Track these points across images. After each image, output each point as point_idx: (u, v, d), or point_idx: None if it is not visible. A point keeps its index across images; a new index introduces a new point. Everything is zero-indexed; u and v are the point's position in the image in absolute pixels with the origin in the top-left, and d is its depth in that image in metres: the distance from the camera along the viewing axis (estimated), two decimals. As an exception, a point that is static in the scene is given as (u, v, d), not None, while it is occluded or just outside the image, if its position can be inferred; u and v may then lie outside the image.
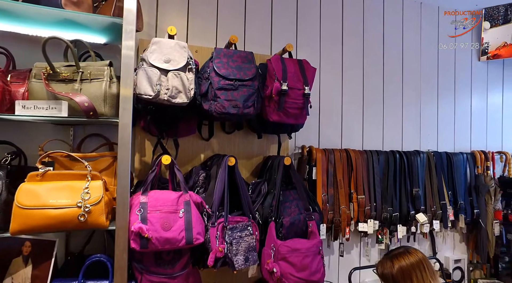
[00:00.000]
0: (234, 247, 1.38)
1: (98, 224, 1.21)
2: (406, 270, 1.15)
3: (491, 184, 2.29)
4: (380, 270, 1.21)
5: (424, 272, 1.15)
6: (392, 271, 1.16)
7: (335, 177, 1.93)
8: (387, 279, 1.19)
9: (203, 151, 1.78)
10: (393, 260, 1.18)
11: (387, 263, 1.19)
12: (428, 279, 1.14)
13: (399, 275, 1.15)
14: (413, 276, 1.14)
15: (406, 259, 1.17)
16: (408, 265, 1.15)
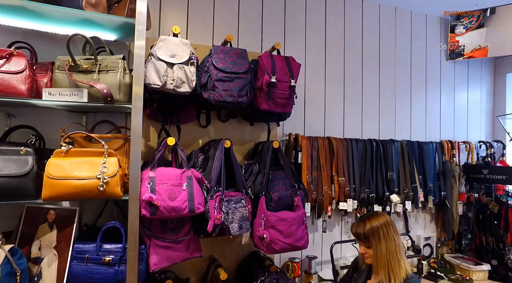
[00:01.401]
0: (230, 216, 1.61)
1: (114, 193, 1.42)
2: (375, 227, 1.39)
3: (456, 169, 2.58)
4: (354, 230, 1.44)
5: (389, 228, 1.39)
6: (364, 230, 1.40)
7: (318, 161, 2.18)
8: (359, 236, 1.42)
9: (201, 137, 2.00)
10: (365, 221, 1.42)
11: (360, 224, 1.42)
12: (391, 234, 1.39)
13: (369, 232, 1.39)
14: (380, 231, 1.38)
15: (375, 220, 1.41)
16: (377, 224, 1.39)
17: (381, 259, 1.36)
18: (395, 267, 1.36)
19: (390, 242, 1.38)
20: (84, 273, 1.42)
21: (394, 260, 1.36)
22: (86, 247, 1.46)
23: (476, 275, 2.38)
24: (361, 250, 1.44)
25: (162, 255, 1.55)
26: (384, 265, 1.36)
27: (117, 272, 1.46)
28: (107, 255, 1.47)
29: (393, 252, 1.37)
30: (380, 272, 1.37)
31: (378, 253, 1.37)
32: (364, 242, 1.42)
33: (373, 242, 1.38)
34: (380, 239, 1.38)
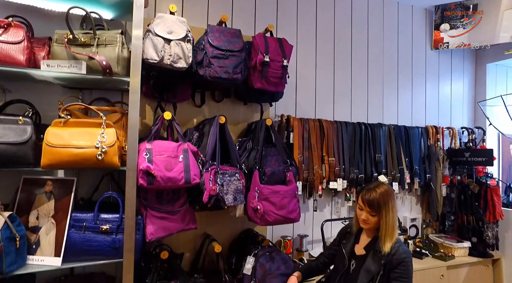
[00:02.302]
0: (224, 187, 1.66)
1: (112, 163, 1.46)
2: (386, 194, 1.46)
3: (440, 153, 2.70)
4: (367, 197, 1.47)
5: (393, 199, 1.48)
6: (377, 196, 1.45)
7: (309, 141, 2.26)
8: (373, 203, 1.45)
9: (196, 116, 2.05)
10: (375, 189, 1.47)
11: (372, 192, 1.47)
12: (395, 206, 1.48)
13: (381, 202, 1.44)
14: (389, 202, 1.45)
15: (382, 187, 1.48)
16: (386, 193, 1.46)
17: (389, 228, 1.43)
18: (394, 234, 1.45)
19: (395, 212, 1.47)
20: (82, 241, 1.45)
21: (396, 227, 1.46)
22: (84, 216, 1.49)
23: (458, 252, 2.50)
24: (363, 216, 1.48)
25: (159, 225, 1.59)
26: (390, 233, 1.43)
27: (114, 241, 1.49)
28: (105, 224, 1.50)
29: (396, 220, 1.47)
30: (386, 240, 1.43)
31: (388, 222, 1.43)
32: (373, 210, 1.45)
33: (384, 211, 1.44)
34: (389, 208, 1.45)
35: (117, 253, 1.50)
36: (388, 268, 1.41)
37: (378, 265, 1.42)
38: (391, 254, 1.42)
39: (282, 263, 1.81)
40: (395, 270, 1.40)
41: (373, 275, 1.42)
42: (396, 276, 1.40)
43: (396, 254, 1.41)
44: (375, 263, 1.44)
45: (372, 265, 1.44)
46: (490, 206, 2.47)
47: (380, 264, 1.42)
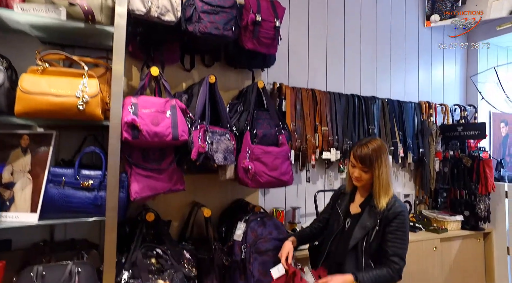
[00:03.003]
0: (214, 146, 1.58)
1: (95, 115, 1.37)
2: (378, 149, 1.40)
3: (433, 128, 2.68)
4: (359, 153, 1.41)
5: (386, 153, 1.42)
6: (369, 152, 1.39)
7: (302, 110, 2.20)
8: (364, 159, 1.39)
9: (185, 80, 1.97)
10: (368, 144, 1.41)
11: (363, 147, 1.41)
12: (388, 160, 1.42)
13: (373, 156, 1.38)
14: (382, 156, 1.39)
15: (375, 142, 1.42)
16: (378, 147, 1.40)
17: (382, 182, 1.38)
18: (390, 190, 1.40)
19: (388, 167, 1.41)
20: (61, 196, 1.36)
21: (390, 183, 1.41)
22: (63, 171, 1.39)
23: (451, 226, 2.48)
24: (356, 173, 1.43)
25: (144, 184, 1.50)
26: (385, 188, 1.38)
27: (96, 197, 1.40)
28: (86, 180, 1.41)
29: (389, 175, 1.42)
30: (381, 196, 1.38)
31: (381, 177, 1.38)
32: (365, 166, 1.40)
33: (377, 166, 1.38)
34: (382, 162, 1.39)
35: (99, 210, 1.41)
36: (384, 223, 1.36)
37: (374, 220, 1.37)
38: (387, 209, 1.37)
39: (274, 229, 1.74)
40: (391, 223, 1.35)
41: (368, 230, 1.37)
42: (392, 229, 1.34)
43: (392, 208, 1.37)
44: (370, 218, 1.39)
45: (368, 221, 1.39)
46: (482, 178, 2.46)
47: (376, 218, 1.37)
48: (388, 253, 1.33)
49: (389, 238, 1.34)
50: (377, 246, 1.37)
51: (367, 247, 1.37)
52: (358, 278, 1.28)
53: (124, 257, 1.51)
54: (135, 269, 1.46)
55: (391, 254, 1.32)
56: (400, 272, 1.33)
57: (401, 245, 1.34)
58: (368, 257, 1.36)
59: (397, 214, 1.35)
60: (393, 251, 1.33)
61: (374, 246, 1.36)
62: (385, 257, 1.34)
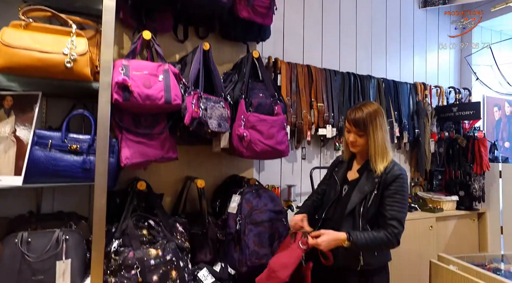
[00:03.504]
0: (208, 111, 1.53)
1: (84, 74, 1.31)
2: (373, 114, 1.35)
3: (428, 109, 2.67)
4: (353, 116, 1.37)
5: (383, 118, 1.37)
6: (363, 115, 1.34)
7: (297, 86, 2.16)
8: (358, 122, 1.35)
9: (178, 52, 1.91)
10: (362, 108, 1.37)
11: (357, 111, 1.37)
12: (385, 124, 1.38)
13: (368, 119, 1.34)
14: (377, 119, 1.35)
15: (371, 106, 1.37)
16: (373, 111, 1.35)
17: (378, 146, 1.34)
18: (387, 153, 1.36)
19: (385, 130, 1.37)
20: (47, 159, 1.30)
21: (387, 147, 1.36)
22: (50, 133, 1.33)
23: (446, 206, 2.48)
24: (351, 138, 1.39)
25: (135, 150, 1.45)
26: (381, 152, 1.34)
27: (85, 161, 1.34)
28: (74, 143, 1.35)
29: (387, 139, 1.37)
30: (377, 159, 1.34)
31: (376, 141, 1.34)
32: (359, 129, 1.36)
33: (371, 129, 1.34)
34: (377, 126, 1.35)
35: (88, 175, 1.35)
36: (382, 187, 1.31)
37: (372, 184, 1.33)
38: (385, 172, 1.32)
39: (269, 201, 1.70)
40: (389, 187, 1.30)
41: (366, 194, 1.33)
42: (390, 193, 1.30)
43: (390, 172, 1.32)
44: (368, 182, 1.35)
45: (366, 185, 1.35)
46: (477, 158, 2.46)
47: (374, 183, 1.33)
48: (387, 217, 1.28)
49: (388, 202, 1.30)
50: (375, 210, 1.32)
51: (365, 212, 1.32)
52: (351, 236, 1.24)
53: (114, 227, 1.45)
54: (126, 238, 1.40)
55: (389, 218, 1.27)
56: (399, 236, 1.27)
57: (400, 209, 1.29)
58: (365, 222, 1.32)
59: (396, 177, 1.31)
60: (392, 214, 1.28)
61: (372, 210, 1.32)
62: (383, 221, 1.29)
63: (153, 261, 1.36)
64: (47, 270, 1.29)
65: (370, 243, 1.24)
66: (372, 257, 1.31)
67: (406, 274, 2.19)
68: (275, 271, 1.30)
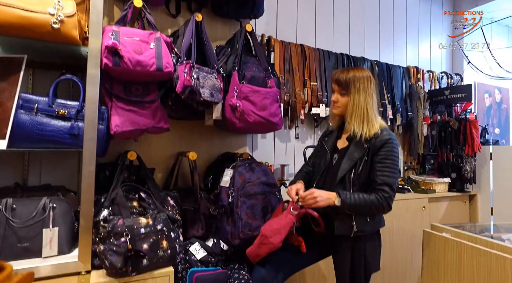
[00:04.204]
0: (200, 81, 1.50)
1: (71, 37, 1.27)
2: (358, 77, 1.33)
3: (421, 92, 2.68)
4: (336, 76, 1.36)
5: (370, 83, 1.34)
6: (347, 76, 1.33)
7: (291, 64, 2.15)
8: (340, 81, 1.34)
9: (170, 26, 1.88)
10: (349, 70, 1.36)
11: (343, 71, 1.36)
12: (371, 89, 1.33)
13: (351, 80, 1.32)
14: (361, 82, 1.32)
15: (359, 71, 1.35)
16: (360, 75, 1.33)
17: (358, 107, 1.32)
18: (372, 119, 1.33)
19: (369, 95, 1.34)
20: (33, 123, 1.26)
21: (371, 112, 1.33)
22: (36, 98, 1.29)
23: (438, 187, 2.49)
24: (334, 97, 1.38)
25: (126, 118, 1.41)
26: (360, 114, 1.32)
27: (73, 126, 1.31)
28: (62, 108, 1.31)
29: (370, 105, 1.34)
30: (353, 120, 1.33)
31: (356, 101, 1.32)
32: (342, 88, 1.35)
33: (352, 90, 1.32)
34: (360, 88, 1.32)
35: (76, 141, 1.31)
36: (372, 152, 1.30)
37: (361, 150, 1.31)
38: (374, 137, 1.30)
39: (263, 174, 1.68)
40: (379, 152, 1.28)
41: (355, 161, 1.31)
42: (380, 158, 1.28)
43: (379, 137, 1.30)
44: (357, 149, 1.32)
45: (355, 152, 1.33)
46: (469, 139, 2.48)
47: (363, 148, 1.31)
48: (377, 182, 1.26)
49: (378, 167, 1.28)
50: (365, 177, 1.31)
51: (355, 179, 1.30)
52: (341, 196, 1.23)
53: (103, 197, 1.41)
54: (115, 207, 1.37)
55: (380, 183, 1.26)
56: (389, 200, 1.25)
57: (390, 174, 1.27)
58: (356, 189, 1.30)
59: (385, 142, 1.28)
60: (382, 180, 1.26)
61: (362, 177, 1.30)
62: (373, 187, 1.28)
63: (143, 230, 1.33)
64: (33, 238, 1.26)
65: (359, 204, 1.23)
66: (365, 224, 1.30)
67: (399, 250, 2.21)
68: (267, 237, 1.28)
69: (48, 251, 1.28)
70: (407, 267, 2.25)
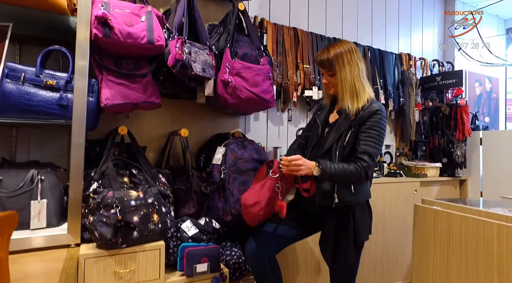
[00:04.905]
0: (192, 55, 1.49)
1: (58, 4, 1.27)
2: (339, 53, 1.33)
3: (413, 78, 2.71)
4: (319, 58, 1.37)
5: (353, 54, 1.33)
6: (328, 56, 1.33)
7: (283, 47, 2.15)
8: (324, 63, 1.35)
9: (162, 6, 1.87)
10: (329, 48, 1.36)
11: (324, 51, 1.36)
12: (355, 60, 1.34)
13: (333, 58, 1.32)
14: (344, 57, 1.33)
15: (339, 46, 1.35)
16: (341, 50, 1.33)
17: (346, 83, 1.32)
18: (360, 90, 1.33)
19: (354, 67, 1.33)
20: (20, 93, 1.23)
21: (359, 84, 1.33)
22: (23, 67, 1.27)
23: (430, 172, 2.52)
24: (324, 79, 1.39)
25: (116, 91, 1.40)
26: (350, 89, 1.32)
27: (62, 97, 1.29)
28: (50, 79, 1.29)
29: (357, 76, 1.33)
30: (345, 97, 1.33)
31: (343, 78, 1.32)
32: (328, 70, 1.36)
33: (337, 67, 1.33)
34: (344, 64, 1.32)
35: (65, 112, 1.29)
36: (359, 124, 1.29)
37: (348, 122, 1.31)
38: (363, 109, 1.30)
39: (255, 152, 1.68)
40: (365, 123, 1.28)
41: (341, 133, 1.31)
42: (365, 128, 1.27)
43: (367, 108, 1.30)
44: (345, 121, 1.32)
45: (342, 124, 1.33)
46: (459, 124, 2.51)
47: (350, 120, 1.31)
48: (358, 151, 1.26)
49: (362, 136, 1.27)
50: (351, 148, 1.30)
51: (341, 150, 1.30)
52: (321, 164, 1.23)
53: (93, 172, 1.40)
54: (105, 180, 1.35)
55: (360, 152, 1.25)
56: (368, 170, 1.24)
57: (373, 144, 1.26)
58: (341, 160, 1.29)
59: (372, 113, 1.28)
60: (363, 149, 1.25)
61: (348, 148, 1.30)
62: (354, 156, 1.27)
63: (133, 202, 1.32)
64: (20, 209, 1.24)
65: (338, 173, 1.23)
66: (350, 195, 1.30)
67: (392, 233, 2.23)
68: (247, 207, 1.28)
69: (37, 223, 1.26)
70: (399, 249, 2.27)
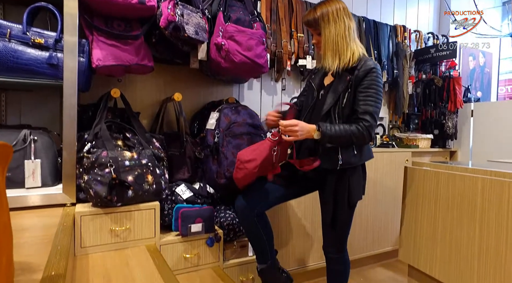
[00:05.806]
0: (185, 17, 1.47)
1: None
2: (325, 11, 1.29)
3: (407, 50, 2.70)
4: (305, 19, 1.34)
5: (340, 11, 1.29)
6: (315, 15, 1.30)
7: (277, 15, 2.12)
8: (310, 23, 1.32)
9: (153, -32, 1.81)
10: (316, 7, 1.32)
11: (310, 11, 1.33)
12: (342, 17, 1.29)
13: (319, 18, 1.29)
14: (330, 15, 1.28)
15: (326, 5, 1.31)
16: (328, 8, 1.29)
17: (329, 41, 1.29)
18: (342, 48, 1.29)
19: (339, 24, 1.29)
20: (7, 51, 1.21)
21: (342, 41, 1.29)
22: (8, 23, 1.24)
23: (421, 143, 2.56)
24: (314, 39, 1.37)
25: (108, 52, 1.38)
26: (332, 47, 1.29)
27: (51, 56, 1.27)
28: (38, 37, 1.26)
29: (341, 33, 1.29)
30: (327, 55, 1.30)
31: (326, 36, 1.29)
32: (315, 29, 1.33)
33: (322, 25, 1.29)
34: (329, 21, 1.29)
35: (55, 72, 1.28)
36: (355, 84, 1.28)
37: (344, 83, 1.30)
38: (358, 68, 1.28)
39: (248, 117, 1.69)
40: (362, 82, 1.27)
41: (339, 94, 1.30)
42: (363, 88, 1.26)
43: (362, 67, 1.27)
44: (341, 82, 1.31)
45: (339, 85, 1.31)
46: (452, 96, 2.53)
47: (346, 81, 1.29)
48: (358, 111, 1.26)
49: (360, 96, 1.27)
50: (350, 109, 1.30)
51: (340, 112, 1.30)
52: (321, 127, 1.23)
53: (87, 133, 1.40)
54: (99, 141, 1.35)
55: (361, 112, 1.25)
56: (370, 129, 1.25)
57: (373, 103, 1.26)
58: (342, 122, 1.29)
59: (368, 71, 1.26)
60: (364, 109, 1.25)
61: (347, 110, 1.29)
62: (355, 116, 1.27)
63: (127, 162, 1.33)
64: (14, 168, 1.24)
65: (340, 135, 1.23)
66: (353, 156, 1.31)
67: (383, 201, 2.29)
68: (242, 162, 1.29)
69: (31, 182, 1.27)
70: (389, 217, 2.33)
